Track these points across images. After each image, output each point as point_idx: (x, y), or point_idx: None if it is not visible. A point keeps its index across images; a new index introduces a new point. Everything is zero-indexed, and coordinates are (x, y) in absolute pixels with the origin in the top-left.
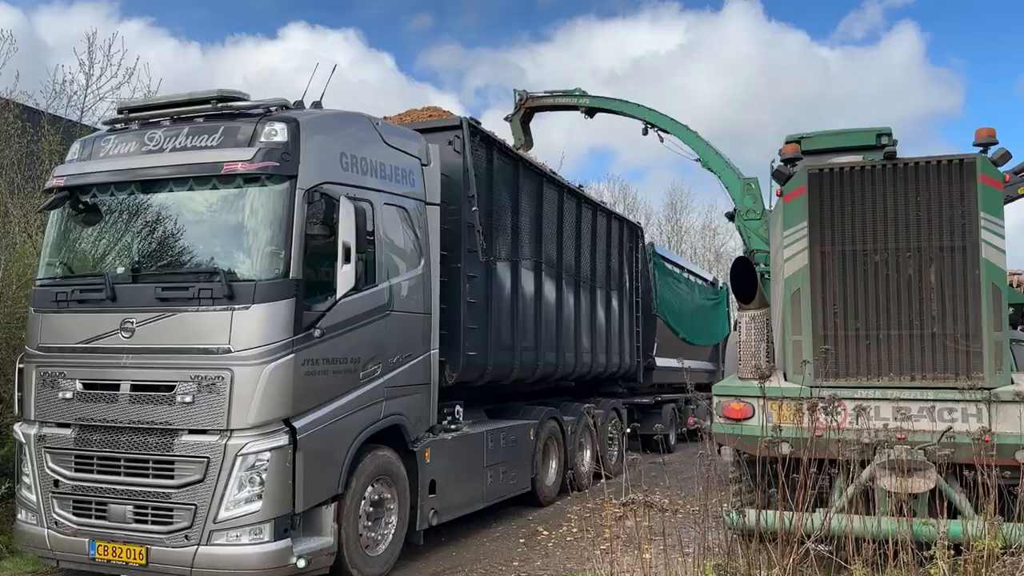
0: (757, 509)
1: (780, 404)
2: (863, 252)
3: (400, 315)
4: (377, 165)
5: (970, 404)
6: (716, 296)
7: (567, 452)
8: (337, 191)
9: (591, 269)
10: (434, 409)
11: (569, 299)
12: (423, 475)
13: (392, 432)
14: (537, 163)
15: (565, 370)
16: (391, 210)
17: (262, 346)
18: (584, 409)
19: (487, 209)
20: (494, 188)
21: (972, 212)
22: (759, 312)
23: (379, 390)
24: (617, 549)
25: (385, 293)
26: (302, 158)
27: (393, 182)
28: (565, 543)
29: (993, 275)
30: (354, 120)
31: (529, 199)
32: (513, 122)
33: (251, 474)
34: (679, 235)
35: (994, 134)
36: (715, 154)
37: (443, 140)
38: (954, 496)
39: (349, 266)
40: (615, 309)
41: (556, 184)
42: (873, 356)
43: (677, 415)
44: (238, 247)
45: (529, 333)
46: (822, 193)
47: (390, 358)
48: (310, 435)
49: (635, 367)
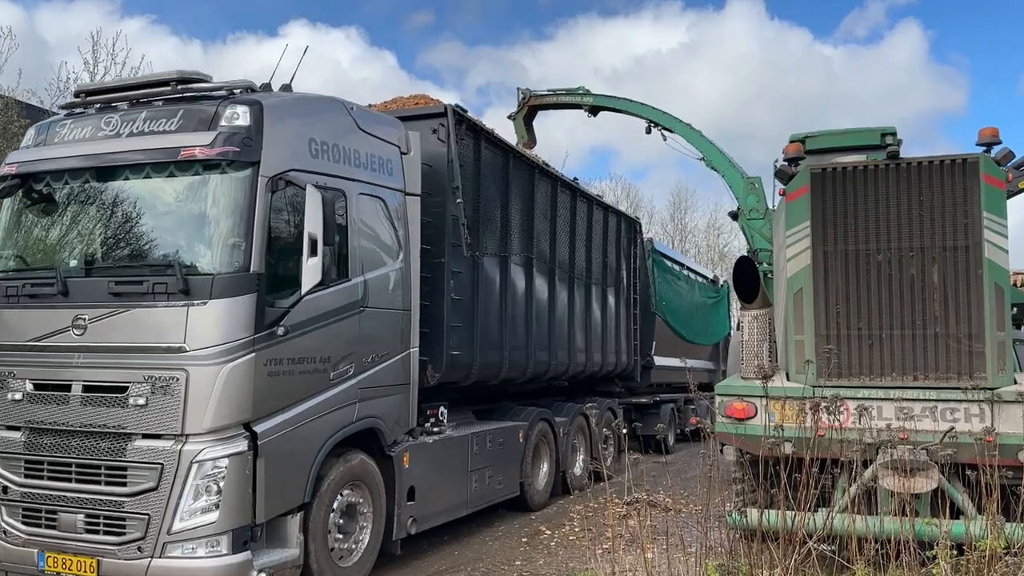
0: (759, 509)
1: (783, 404)
2: (866, 252)
3: (376, 312)
4: (351, 153)
5: (973, 404)
6: (716, 294)
7: (559, 454)
8: (305, 179)
9: (586, 265)
10: (414, 411)
11: (562, 296)
12: (401, 481)
13: (367, 436)
14: (529, 154)
15: (558, 370)
16: (367, 201)
17: (220, 345)
18: (577, 409)
19: (474, 201)
20: (481, 179)
21: (975, 212)
22: (762, 311)
23: (352, 391)
24: (619, 548)
25: (359, 288)
26: (266, 143)
27: (369, 171)
28: (567, 542)
29: (996, 275)
30: (326, 104)
31: (520, 192)
32: (516, 120)
33: (207, 482)
34: (683, 234)
35: (997, 134)
36: (719, 153)
37: (426, 128)
38: (956, 496)
39: (315, 259)
40: (611, 307)
41: (549, 176)
42: (876, 356)
43: (676, 415)
44: (196, 239)
45: (519, 331)
46: (825, 193)
47: (364, 357)
48: (273, 440)
49: (632, 366)
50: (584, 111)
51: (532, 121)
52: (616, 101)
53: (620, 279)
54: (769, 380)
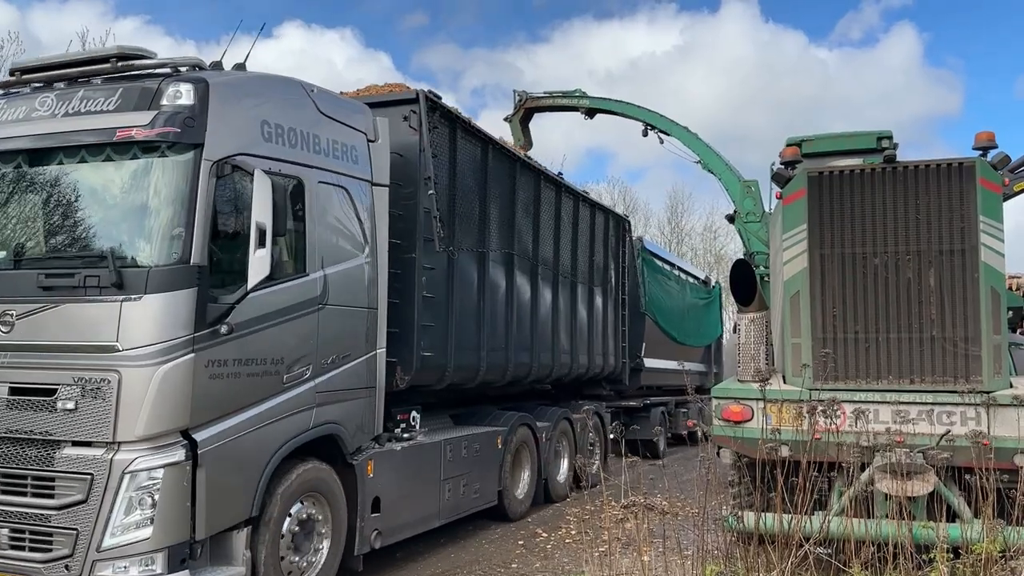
0: (756, 512)
1: (780, 407)
2: (862, 255)
3: (337, 309)
4: (310, 138)
5: (969, 407)
6: (709, 295)
7: (541, 461)
8: (255, 164)
9: (571, 263)
10: (379, 416)
11: (546, 295)
12: (364, 491)
13: (327, 443)
14: (510, 146)
15: (541, 372)
16: (328, 190)
17: (155, 344)
18: (561, 414)
19: (449, 194)
20: (458, 171)
21: (971, 216)
22: (758, 314)
23: (308, 395)
24: (616, 551)
25: (318, 284)
26: (211, 124)
27: (331, 158)
28: (564, 545)
29: (992, 278)
30: (281, 85)
31: (500, 185)
32: (512, 123)
33: (141, 495)
34: (680, 237)
35: (993, 138)
36: (715, 156)
37: (397, 116)
38: (953, 499)
39: (264, 251)
40: (598, 307)
41: (532, 170)
42: (872, 359)
43: (667, 419)
44: (133, 228)
45: (498, 332)
46: (822, 196)
47: (323, 358)
48: (215, 449)
49: (620, 368)
50: (580, 114)
51: (528, 123)
52: (613, 104)
53: (607, 278)
54: (766, 383)
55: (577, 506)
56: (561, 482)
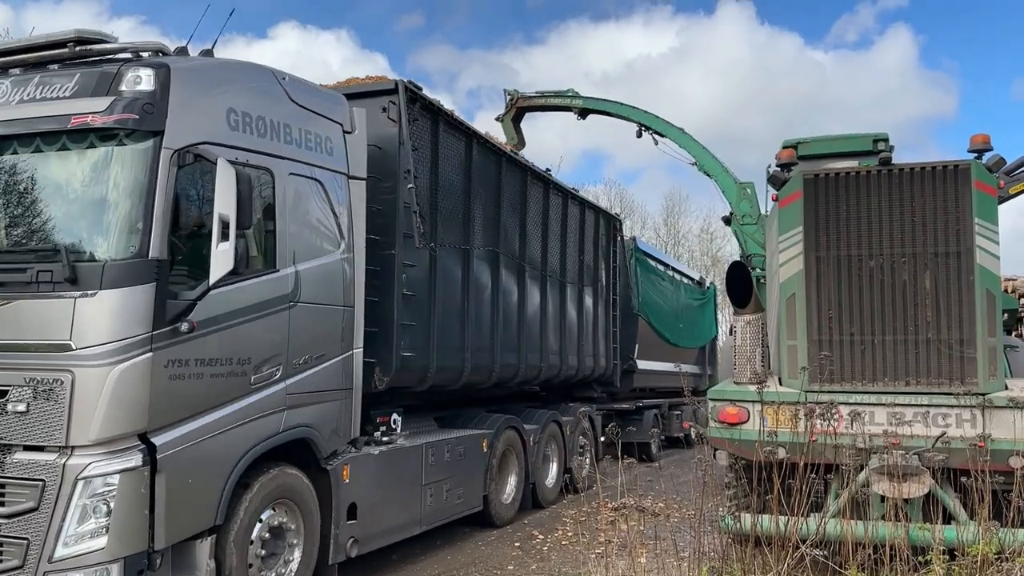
0: (752, 513)
1: (776, 409)
2: (858, 257)
3: (310, 307)
4: (281, 127)
5: (964, 409)
6: (703, 296)
7: (528, 465)
8: (219, 154)
9: (560, 262)
10: (356, 419)
11: (534, 294)
12: (339, 498)
13: (299, 447)
14: (495, 141)
15: (529, 374)
16: (301, 182)
17: (111, 342)
18: (549, 416)
19: (431, 189)
20: (440, 165)
21: (967, 218)
22: (755, 317)
23: (278, 397)
24: (612, 553)
25: (289, 280)
26: (172, 111)
27: (304, 149)
28: (560, 547)
29: (987, 281)
30: (251, 72)
31: (485, 180)
32: (504, 122)
33: (95, 502)
34: (676, 239)
35: (988, 140)
36: (711, 158)
37: (376, 107)
38: (948, 501)
39: (227, 244)
40: (588, 307)
41: (519, 166)
42: (868, 361)
43: (660, 421)
44: (89, 220)
45: (483, 332)
46: (818, 198)
47: (295, 359)
48: (175, 453)
49: (611, 370)
50: (574, 114)
51: (520, 123)
52: (606, 104)
53: (598, 278)
54: (762, 385)
55: (573, 508)
56: (550, 486)
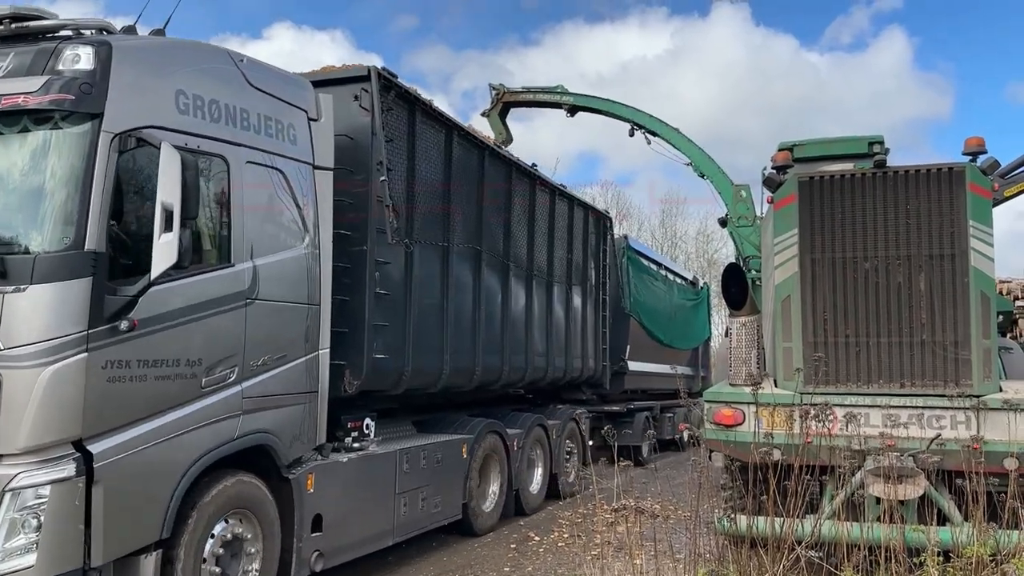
0: (748, 515)
1: (771, 410)
2: (853, 259)
3: (269, 305)
4: (237, 112)
5: (959, 411)
6: (697, 296)
7: (511, 471)
8: (165, 138)
9: (547, 261)
10: (322, 424)
11: (518, 294)
12: (303, 508)
13: (260, 454)
14: (478, 134)
15: (513, 376)
16: (259, 171)
17: (42, 342)
18: (535, 420)
19: (407, 182)
20: (417, 157)
21: (961, 220)
22: (750, 318)
23: (233, 401)
24: (608, 555)
25: (246, 275)
26: (113, 92)
27: (263, 136)
28: (556, 548)
29: (982, 283)
30: (203, 53)
31: (466, 175)
32: (491, 117)
33: (24, 516)
34: (673, 241)
35: (983, 143)
36: (707, 159)
37: (347, 95)
38: (943, 503)
39: (170, 236)
40: (577, 307)
41: (503, 160)
42: (863, 363)
43: (651, 424)
44: (21, 209)
45: (464, 333)
46: (812, 200)
47: (253, 360)
48: (115, 463)
49: (601, 372)
50: (564, 111)
51: (505, 118)
52: (597, 101)
53: (587, 277)
54: (758, 387)
55: (569, 510)
56: (534, 493)
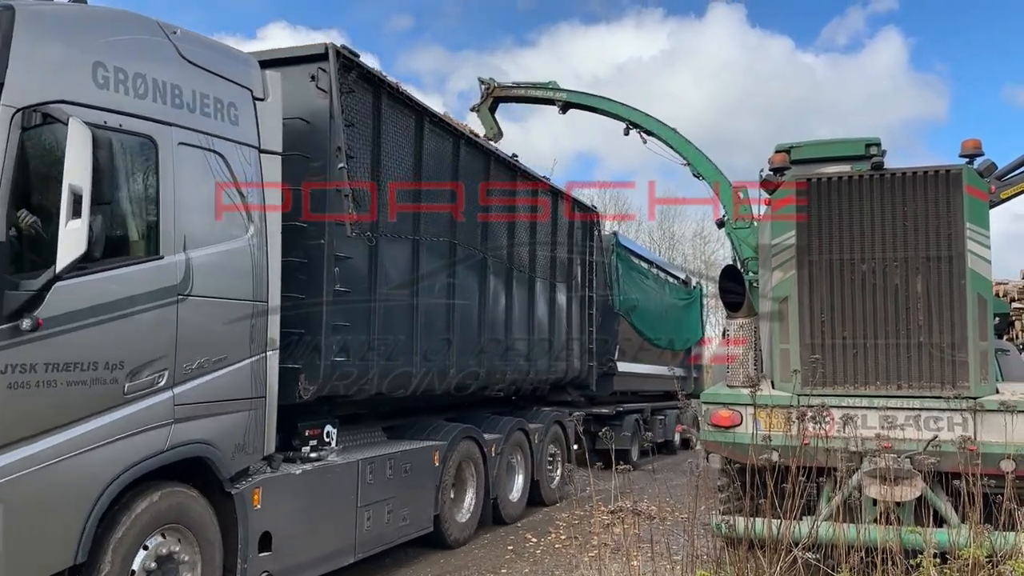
0: (745, 517)
1: (769, 412)
2: (850, 261)
3: (206, 302)
4: (168, 89)
5: (955, 413)
6: (689, 296)
7: (489, 479)
8: (76, 114)
9: (529, 256)
10: (270, 433)
11: (498, 291)
12: (249, 526)
13: (199, 466)
14: (451, 120)
15: (492, 378)
16: (194, 154)
17: None
18: (515, 424)
19: (371, 171)
20: (384, 144)
21: (958, 222)
22: (748, 320)
23: (162, 408)
24: (605, 556)
25: (177, 269)
26: (15, 63)
27: (199, 115)
28: (553, 550)
29: (979, 285)
30: (128, 22)
31: (439, 164)
32: (481, 111)
33: None
34: (671, 243)
35: (979, 145)
36: (705, 160)
37: (303, 75)
38: (940, 505)
39: (78, 223)
40: (561, 305)
41: (480, 150)
42: (860, 365)
43: (641, 427)
44: None
45: (437, 333)
46: (810, 202)
47: (187, 362)
48: (18, 479)
49: (587, 372)
50: (557, 108)
51: (495, 113)
52: (591, 99)
53: (572, 274)
54: (755, 388)
55: (567, 511)
56: (514, 501)
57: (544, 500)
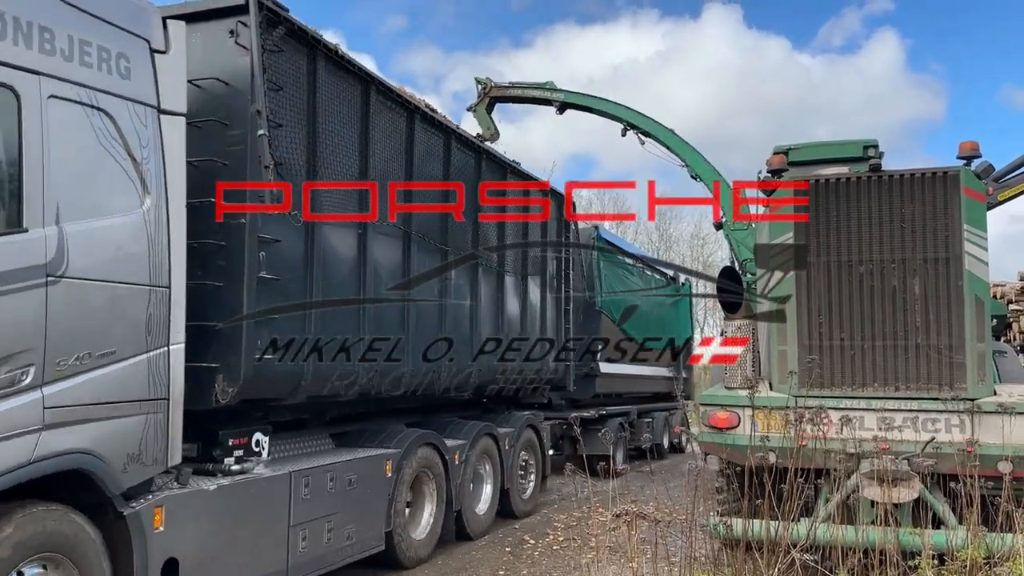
0: (743, 518)
1: (767, 413)
2: (848, 263)
3: (86, 285)
4: (35, 31)
5: (953, 415)
6: (676, 292)
7: (451, 490)
8: None
9: (497, 248)
10: (175, 441)
11: (460, 285)
12: (148, 551)
13: (87, 481)
14: (403, 92)
15: (455, 379)
16: (71, 110)
17: None
18: (481, 429)
19: (308, 143)
20: (320, 114)
21: (955, 224)
22: (745, 322)
23: (28, 411)
24: (604, 558)
25: (47, 244)
26: None
27: (79, 65)
28: (552, 552)
29: (976, 287)
30: None
31: (390, 141)
32: (478, 111)
33: None
34: (668, 244)
35: (977, 147)
36: (703, 161)
37: (221, 30)
38: (937, 506)
39: None
40: (534, 300)
41: (438, 127)
42: (858, 366)
43: (626, 431)
44: None
45: (388, 329)
46: (808, 204)
47: (61, 357)
48: None
49: (564, 373)
50: (554, 108)
51: (491, 113)
52: (589, 100)
53: (545, 267)
54: (753, 390)
55: (565, 512)
56: (481, 514)
57: (515, 512)
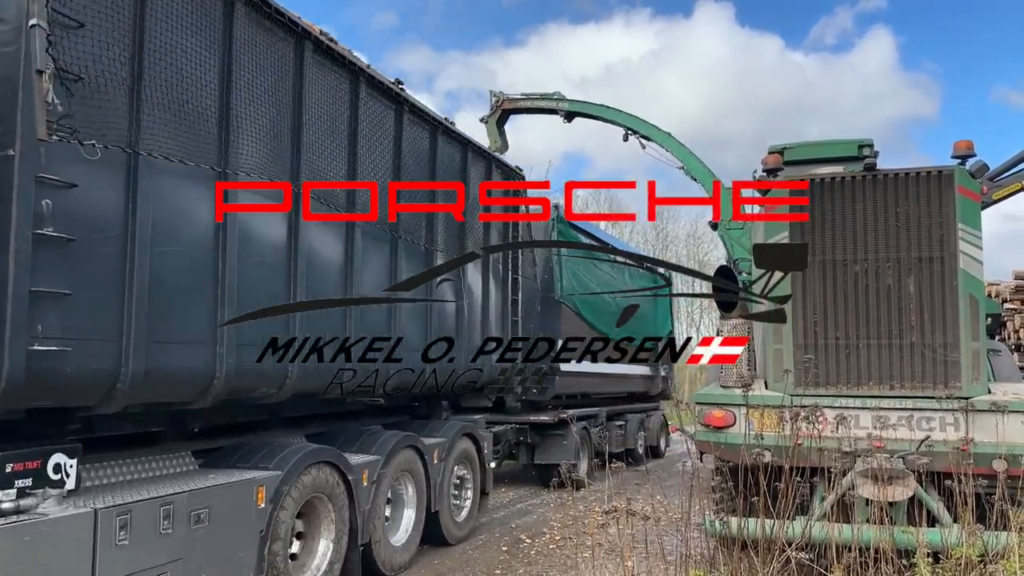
0: (739, 517)
1: (762, 412)
2: (843, 262)
3: None
4: None
5: (948, 413)
6: (655, 284)
7: (355, 519)
8: None
9: (426, 224)
10: None
11: (373, 265)
12: None
13: None
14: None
15: (364, 381)
16: None
17: None
18: (402, 441)
19: (133, 55)
20: (148, 16)
21: (950, 223)
22: (741, 321)
23: None
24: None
25: None
26: None
27: None
28: (548, 551)
29: (971, 285)
30: None
31: (269, 72)
32: (489, 124)
33: None
34: (664, 243)
35: (972, 146)
36: (698, 162)
37: None
38: (932, 504)
39: None
40: (473, 288)
41: (341, 64)
42: (853, 365)
43: (590, 438)
44: None
45: (266, 320)
46: (803, 203)
47: None
48: None
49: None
50: (560, 116)
51: (504, 125)
52: (594, 108)
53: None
54: (749, 388)
55: (562, 512)
56: (400, 544)
57: (447, 538)
